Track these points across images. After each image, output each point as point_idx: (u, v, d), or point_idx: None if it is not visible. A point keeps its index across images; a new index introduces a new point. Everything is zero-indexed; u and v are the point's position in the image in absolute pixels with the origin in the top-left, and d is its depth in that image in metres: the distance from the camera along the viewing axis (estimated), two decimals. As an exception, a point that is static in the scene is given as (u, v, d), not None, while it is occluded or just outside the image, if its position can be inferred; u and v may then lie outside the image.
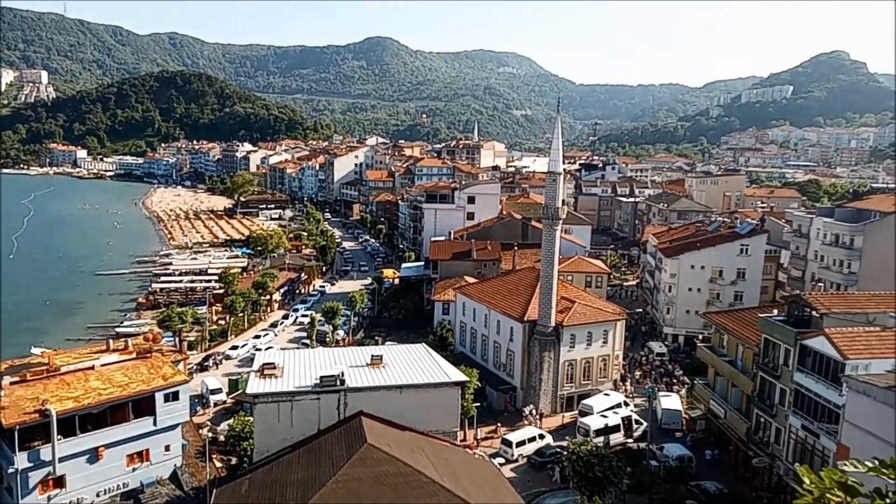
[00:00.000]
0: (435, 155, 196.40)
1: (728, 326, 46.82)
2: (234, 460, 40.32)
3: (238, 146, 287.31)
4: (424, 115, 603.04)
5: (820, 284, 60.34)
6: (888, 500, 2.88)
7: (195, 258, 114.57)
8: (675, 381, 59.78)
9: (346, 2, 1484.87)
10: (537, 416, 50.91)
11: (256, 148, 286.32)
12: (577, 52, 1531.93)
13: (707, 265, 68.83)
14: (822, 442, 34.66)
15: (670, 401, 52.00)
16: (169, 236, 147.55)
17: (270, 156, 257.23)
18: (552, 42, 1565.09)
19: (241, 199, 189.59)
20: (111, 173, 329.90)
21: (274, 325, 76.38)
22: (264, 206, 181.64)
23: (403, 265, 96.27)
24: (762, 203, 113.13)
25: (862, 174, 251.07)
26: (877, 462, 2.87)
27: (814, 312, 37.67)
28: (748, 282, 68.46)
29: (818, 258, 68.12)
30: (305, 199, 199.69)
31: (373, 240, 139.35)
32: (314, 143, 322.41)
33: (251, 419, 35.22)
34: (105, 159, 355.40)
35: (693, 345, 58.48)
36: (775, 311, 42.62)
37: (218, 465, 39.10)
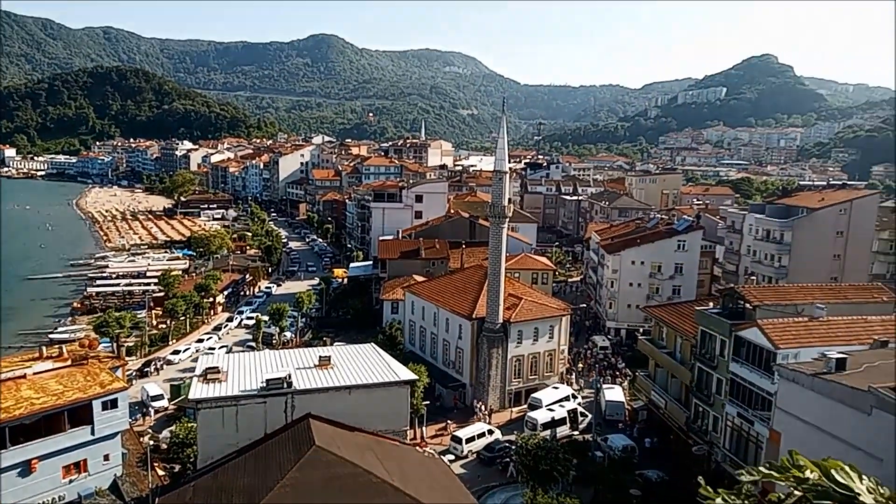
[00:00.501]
0: (382, 154, 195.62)
1: (667, 320, 48.52)
2: (177, 468, 39.24)
3: (178, 144, 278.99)
4: (371, 114, 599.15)
5: (753, 278, 63.24)
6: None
7: (133, 260, 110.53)
8: (618, 373, 61.53)
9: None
10: (486, 412, 51.53)
11: (197, 146, 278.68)
12: (521, 53, 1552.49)
13: (647, 261, 71.08)
14: (757, 428, 36.37)
15: (613, 393, 53.49)
16: (105, 238, 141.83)
17: (212, 154, 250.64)
18: (497, 42, 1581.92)
19: (182, 198, 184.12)
20: (42, 173, 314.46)
21: (218, 328, 74.59)
22: (206, 205, 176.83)
23: (352, 265, 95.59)
24: (698, 200, 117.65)
25: (790, 172, 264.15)
26: (768, 467, 3.12)
27: (747, 305, 39.48)
28: (685, 276, 71.06)
29: (751, 253, 71.29)
30: (249, 198, 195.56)
31: (320, 239, 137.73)
32: (258, 141, 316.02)
33: (194, 425, 34.37)
34: (36, 158, 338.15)
35: (635, 338, 60.29)
36: (711, 304, 44.45)
37: (161, 473, 38.01)
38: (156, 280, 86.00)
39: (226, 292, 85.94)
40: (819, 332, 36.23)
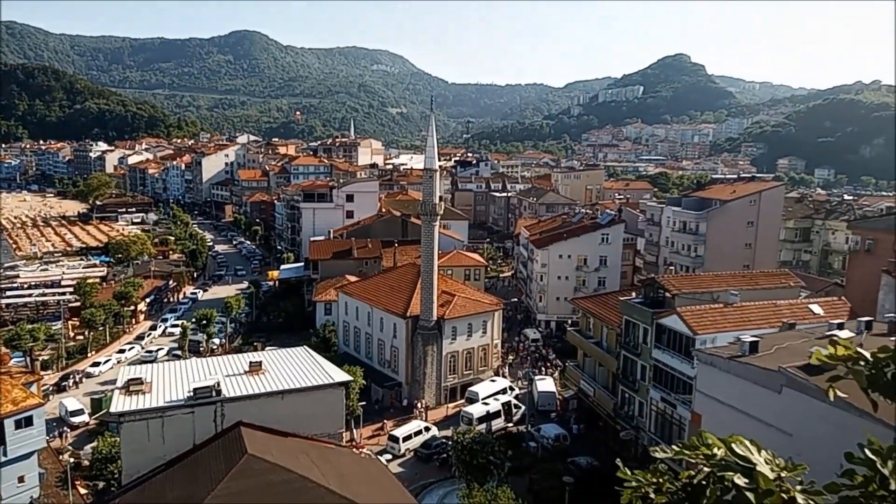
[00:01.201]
0: (311, 153, 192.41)
1: (593, 311, 50.22)
2: (101, 485, 37.50)
3: (91, 146, 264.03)
4: (298, 113, 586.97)
5: (671, 268, 66.25)
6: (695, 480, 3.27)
7: (46, 269, 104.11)
8: (549, 364, 63.14)
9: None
10: (423, 409, 51.80)
11: (113, 147, 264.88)
12: (448, 52, 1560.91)
13: (573, 254, 73.26)
14: (679, 412, 38.22)
15: (545, 384, 54.89)
16: (14, 246, 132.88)
17: (129, 155, 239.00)
18: (424, 41, 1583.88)
19: (98, 202, 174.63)
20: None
21: (141, 337, 71.52)
22: (124, 209, 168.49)
23: (282, 267, 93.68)
24: (619, 195, 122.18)
25: (704, 166, 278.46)
26: (680, 446, 3.37)
27: (667, 294, 41.39)
28: (609, 268, 73.69)
29: (669, 244, 74.68)
30: (171, 201, 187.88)
31: (248, 242, 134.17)
32: (179, 141, 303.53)
33: (118, 440, 32.92)
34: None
35: (564, 330, 62.01)
36: (634, 294, 46.31)
37: (83, 491, 36.23)
38: (71, 289, 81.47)
39: (148, 300, 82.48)
40: (733, 317, 38.43)
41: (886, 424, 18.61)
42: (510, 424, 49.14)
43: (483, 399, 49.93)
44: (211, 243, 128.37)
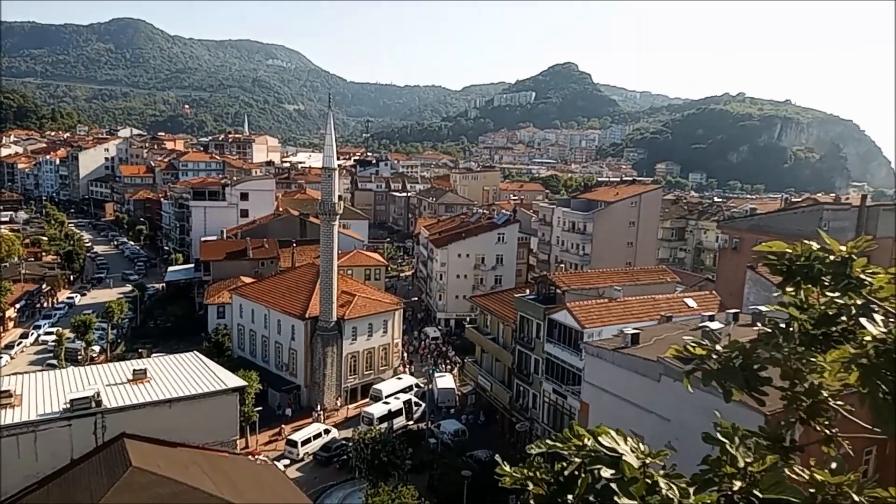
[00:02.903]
0: (202, 149, 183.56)
1: (490, 308, 51.71)
2: (-39, 511, 34.07)
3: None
4: (187, 106, 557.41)
5: (562, 265, 69.34)
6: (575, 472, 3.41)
7: None
8: (448, 361, 64.23)
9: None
10: (321, 412, 51.09)
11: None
12: (347, 50, 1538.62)
13: (472, 253, 74.96)
14: (570, 402, 40.17)
15: (444, 380, 55.80)
16: None
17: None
18: (322, 38, 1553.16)
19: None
20: None
21: (10, 346, 65.48)
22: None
23: (170, 268, 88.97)
24: (514, 196, 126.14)
25: (591, 169, 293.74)
26: (553, 439, 3.64)
27: (557, 290, 43.37)
28: (505, 266, 76.04)
29: (560, 243, 78.17)
30: (44, 198, 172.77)
31: (131, 242, 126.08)
32: (53, 134, 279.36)
33: (-17, 459, 30.04)
34: None
35: (463, 327, 63.32)
36: (528, 291, 48.15)
37: (-61, 520, 32.70)
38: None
39: (18, 305, 75.63)
40: (617, 311, 40.92)
41: (750, 407, 20.63)
42: (411, 422, 49.55)
43: (386, 397, 49.98)
44: (89, 244, 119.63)
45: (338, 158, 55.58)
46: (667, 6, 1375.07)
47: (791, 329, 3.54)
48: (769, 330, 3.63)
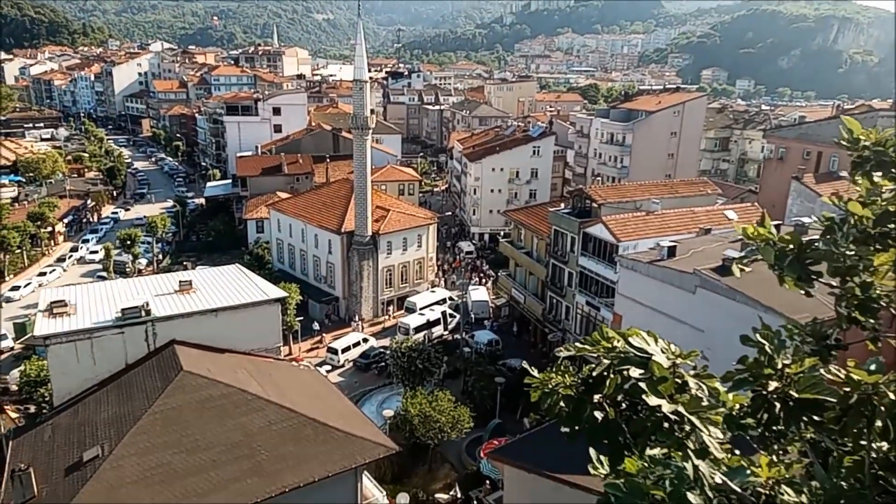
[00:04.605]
0: (232, 62, 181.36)
1: (524, 222, 51.52)
2: (32, 409, 36.94)
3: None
4: (215, 18, 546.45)
5: (598, 179, 67.98)
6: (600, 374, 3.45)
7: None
8: (482, 275, 65.00)
9: None
10: (360, 322, 52.81)
11: (12, 56, 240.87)
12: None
13: (506, 167, 73.87)
14: (602, 314, 40.55)
15: (478, 293, 56.69)
16: None
17: (31, 65, 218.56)
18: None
19: (1, 117, 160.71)
20: None
21: (62, 259, 68.49)
22: (31, 125, 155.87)
23: (208, 184, 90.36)
24: (550, 107, 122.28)
25: (632, 77, 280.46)
26: (582, 343, 3.64)
27: (593, 204, 42.81)
28: (540, 180, 74.93)
29: (597, 155, 76.30)
30: (82, 115, 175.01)
31: (169, 158, 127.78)
32: (86, 49, 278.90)
33: (46, 363, 32.19)
34: None
35: (497, 241, 63.50)
36: (563, 205, 47.66)
37: (13, 415, 35.60)
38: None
39: (66, 220, 78.41)
40: (654, 224, 40.36)
41: (785, 317, 20.51)
42: (446, 333, 50.92)
43: (420, 309, 51.21)
44: (129, 160, 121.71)
45: (369, 70, 54.31)
46: None
47: (848, 226, 3.42)
48: (827, 225, 3.52)
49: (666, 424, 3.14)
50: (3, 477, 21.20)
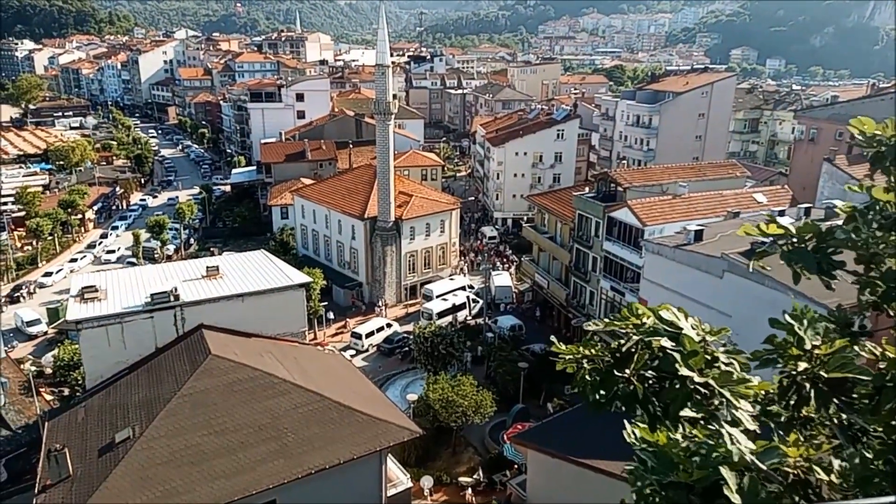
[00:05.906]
0: (255, 49, 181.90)
1: (548, 206, 51.11)
2: (66, 391, 38.00)
3: (17, 44, 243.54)
4: (238, 5, 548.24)
5: (624, 162, 67.08)
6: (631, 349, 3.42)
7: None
8: (505, 260, 64.81)
9: None
10: (384, 307, 53.12)
11: (41, 46, 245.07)
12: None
13: (529, 151, 73.21)
14: (627, 298, 40.16)
15: (502, 278, 56.57)
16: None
17: (60, 55, 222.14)
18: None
19: (31, 106, 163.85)
20: None
21: (92, 245, 69.99)
22: (60, 113, 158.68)
23: (234, 171, 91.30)
24: (575, 90, 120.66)
25: (659, 58, 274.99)
26: (611, 318, 3.60)
27: (618, 187, 42.28)
28: (564, 164, 74.16)
29: (623, 138, 75.20)
30: (109, 103, 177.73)
31: (195, 146, 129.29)
32: (112, 38, 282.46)
33: (79, 347, 33.02)
34: None
35: (520, 226, 63.18)
36: (587, 189, 47.14)
37: (48, 398, 36.64)
38: (12, 199, 78.08)
39: (95, 207, 80.00)
40: (681, 208, 39.73)
41: (813, 300, 20.11)
42: (469, 318, 50.97)
43: (437, 297, 51.22)
44: (156, 148, 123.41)
45: (391, 55, 54.09)
46: None
47: (872, 212, 3.30)
48: (848, 212, 3.40)
49: (697, 396, 3.11)
50: (40, 456, 21.91)
